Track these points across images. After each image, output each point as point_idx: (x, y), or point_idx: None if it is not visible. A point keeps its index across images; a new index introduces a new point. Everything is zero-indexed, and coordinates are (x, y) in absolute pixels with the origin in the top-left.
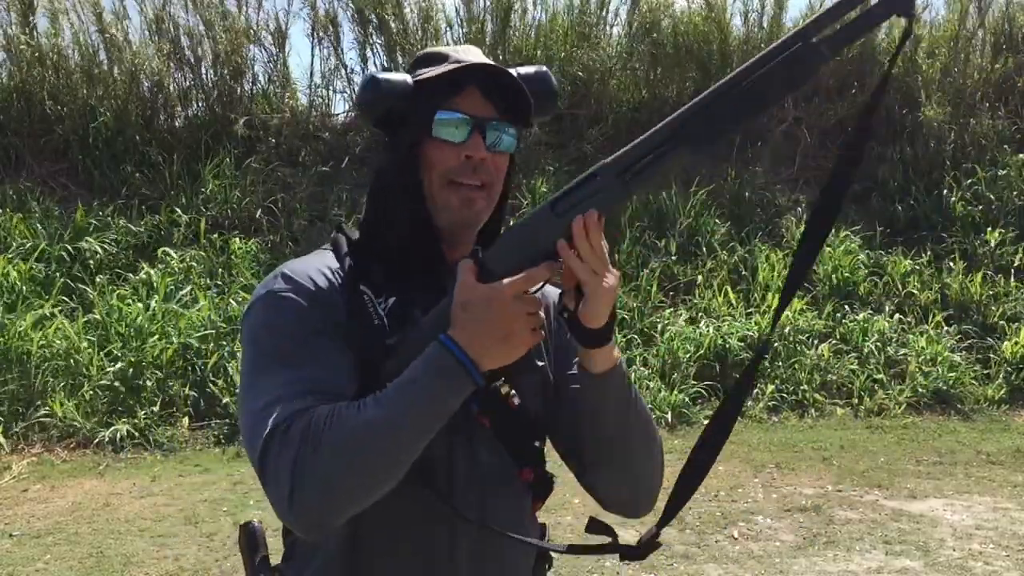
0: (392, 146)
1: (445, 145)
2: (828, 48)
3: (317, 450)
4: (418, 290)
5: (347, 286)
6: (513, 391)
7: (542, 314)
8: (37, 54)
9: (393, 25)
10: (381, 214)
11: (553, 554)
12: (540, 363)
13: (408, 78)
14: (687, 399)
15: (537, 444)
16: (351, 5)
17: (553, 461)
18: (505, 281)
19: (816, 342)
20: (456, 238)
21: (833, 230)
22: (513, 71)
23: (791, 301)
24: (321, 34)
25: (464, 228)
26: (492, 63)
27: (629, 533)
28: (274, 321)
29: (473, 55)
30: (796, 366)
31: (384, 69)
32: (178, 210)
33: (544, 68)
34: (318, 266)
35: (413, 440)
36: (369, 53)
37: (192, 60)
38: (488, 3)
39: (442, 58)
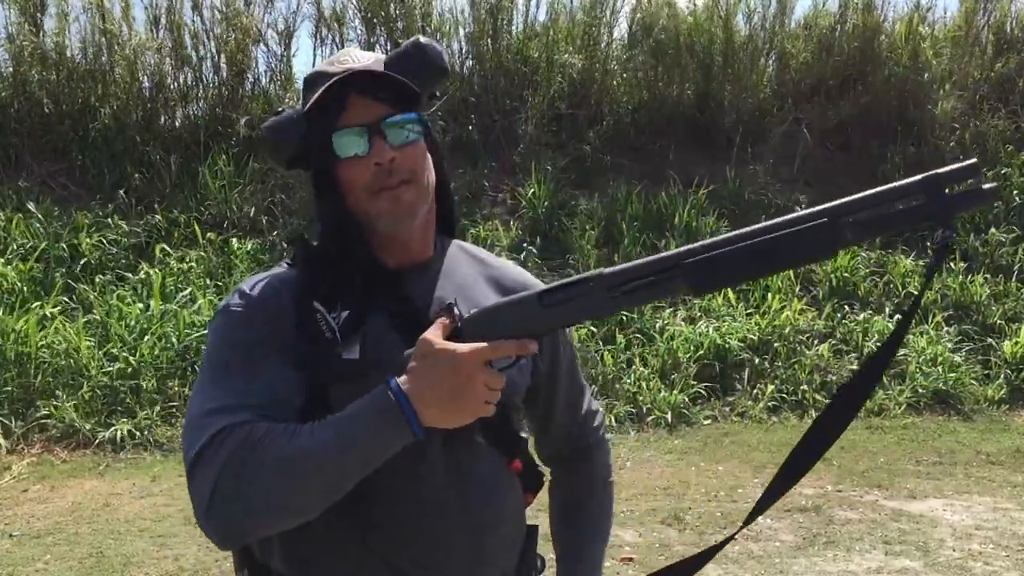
0: (312, 182)
1: (353, 162)
2: (853, 232)
3: (244, 466)
4: (371, 300)
5: (297, 300)
6: None
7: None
8: (39, 53)
9: (399, 25)
10: (324, 239)
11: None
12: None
13: (298, 112)
14: (687, 399)
15: (523, 435)
16: (357, 5)
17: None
18: (470, 345)
19: (816, 342)
20: (401, 238)
21: None
22: (372, 58)
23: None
24: (325, 33)
25: (403, 224)
26: (355, 66)
27: (628, 534)
28: (227, 335)
29: (352, 60)
30: (796, 366)
31: (275, 112)
32: (177, 210)
33: (413, 40)
34: (273, 282)
35: (338, 476)
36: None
37: (195, 60)
38: (490, 3)
39: (321, 77)
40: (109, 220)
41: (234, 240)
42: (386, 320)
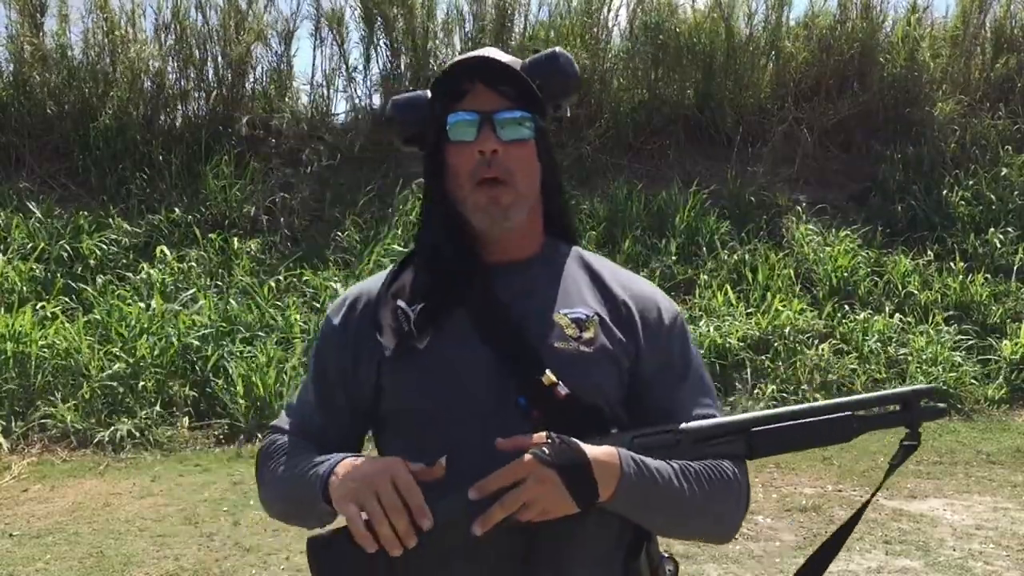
0: (424, 162)
1: (461, 146)
2: (859, 424)
3: (257, 470)
4: (457, 294)
5: (381, 297)
6: (559, 381)
7: None
8: (40, 54)
9: (399, 24)
10: (421, 226)
11: None
12: (582, 347)
13: (426, 94)
14: None
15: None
16: (358, 4)
17: None
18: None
19: (816, 342)
20: (494, 237)
21: (833, 230)
22: (509, 58)
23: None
24: (325, 33)
25: (496, 225)
26: (486, 55)
27: None
28: (318, 348)
29: (490, 55)
30: (796, 366)
31: (407, 89)
32: (178, 210)
33: (555, 49)
34: (365, 291)
35: (296, 508)
36: (372, 53)
37: (196, 60)
38: (491, 2)
39: (450, 67)
40: (110, 220)
41: (235, 240)
42: (469, 316)
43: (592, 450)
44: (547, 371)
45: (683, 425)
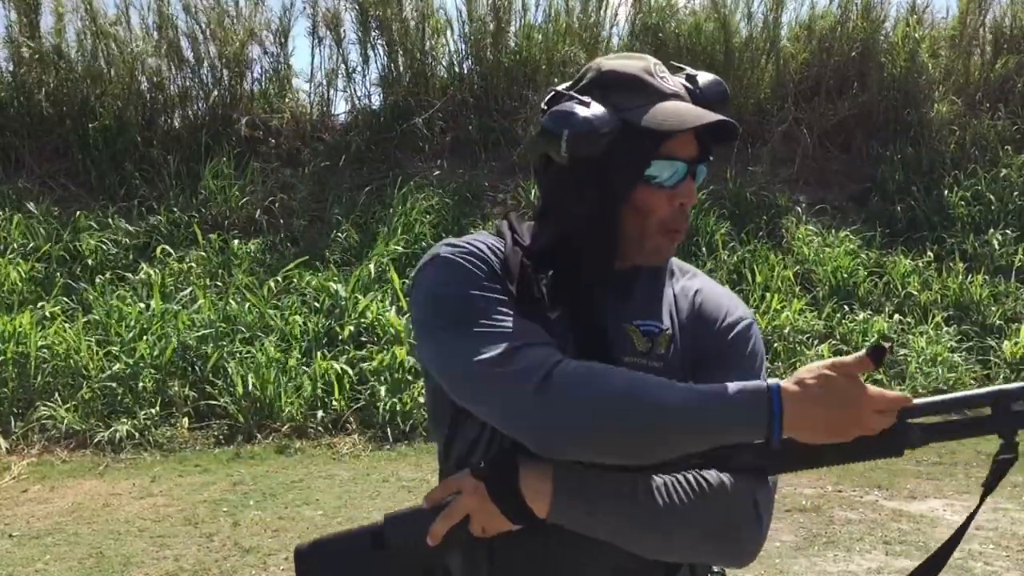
0: (590, 184)
1: (657, 191)
2: (922, 435)
3: (588, 402)
4: (567, 295)
5: (509, 261)
6: None
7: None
8: (38, 55)
9: (394, 26)
10: (562, 245)
11: None
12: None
13: (615, 117)
14: None
15: None
16: (355, 4)
17: None
18: (889, 394)
19: (816, 342)
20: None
21: (833, 230)
22: (678, 83)
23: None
24: (323, 33)
25: (663, 260)
26: (710, 118)
27: None
28: (465, 279)
29: (668, 78)
30: (796, 366)
31: (579, 103)
32: (177, 210)
33: (717, 80)
34: (482, 239)
35: (673, 441)
36: (370, 53)
37: (193, 60)
38: (489, 2)
39: (638, 83)
40: (109, 220)
41: (234, 240)
42: (570, 320)
43: (527, 467)
44: None
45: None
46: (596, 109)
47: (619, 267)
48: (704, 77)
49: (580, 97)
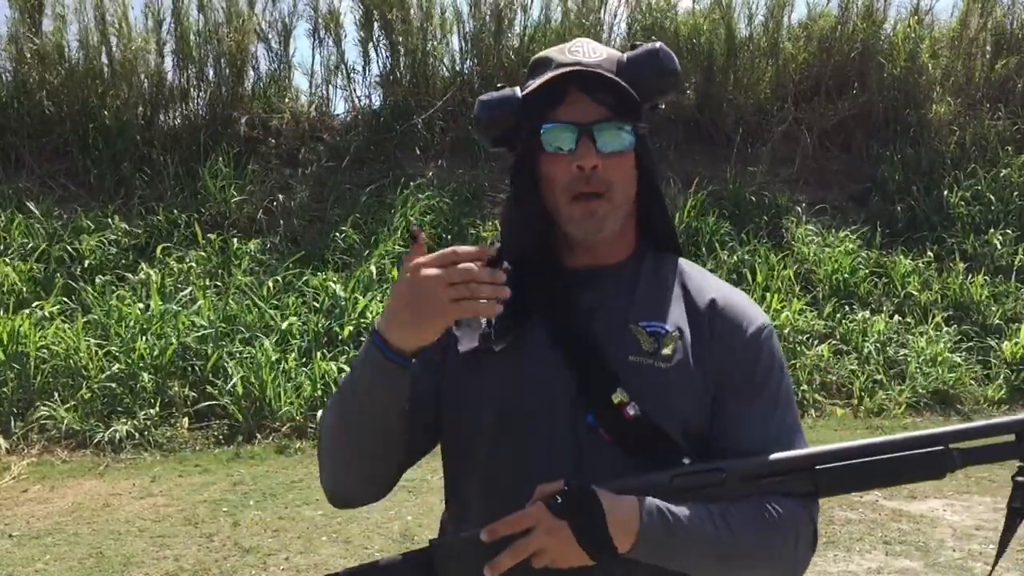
0: (513, 164)
1: (558, 157)
2: (961, 458)
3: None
4: (534, 301)
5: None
6: (631, 401)
7: (464, 287)
8: (39, 55)
9: (397, 25)
10: (507, 227)
11: None
12: (651, 361)
13: (515, 93)
14: None
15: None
16: (358, 5)
17: None
18: (415, 260)
19: (816, 342)
20: (588, 243)
21: (833, 230)
22: (623, 56)
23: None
24: (323, 33)
25: (591, 235)
26: (586, 64)
27: None
28: None
29: (584, 53)
30: (796, 366)
31: (497, 87)
32: (177, 210)
33: (655, 45)
34: None
35: (357, 418)
36: (372, 53)
37: (195, 59)
38: (489, 1)
39: (547, 63)
40: (109, 220)
41: (234, 240)
42: (547, 324)
43: (611, 502)
44: (618, 389)
45: (726, 463)
46: (495, 93)
47: (593, 265)
48: (635, 52)
49: (498, 86)
